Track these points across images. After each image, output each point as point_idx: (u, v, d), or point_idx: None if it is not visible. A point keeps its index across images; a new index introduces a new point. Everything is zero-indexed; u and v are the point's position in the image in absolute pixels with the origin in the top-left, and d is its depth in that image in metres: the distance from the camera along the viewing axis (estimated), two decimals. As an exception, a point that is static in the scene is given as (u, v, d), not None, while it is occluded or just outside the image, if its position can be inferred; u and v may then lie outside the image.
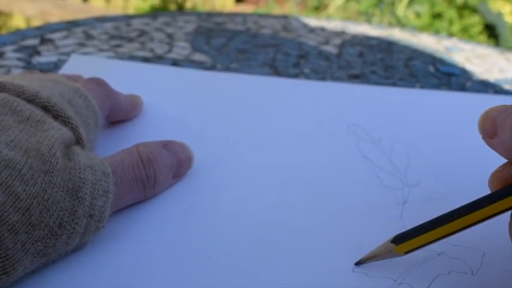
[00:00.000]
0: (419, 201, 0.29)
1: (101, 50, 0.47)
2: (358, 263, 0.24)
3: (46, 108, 0.24)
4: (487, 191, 0.23)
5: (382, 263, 0.24)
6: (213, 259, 0.23)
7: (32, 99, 0.23)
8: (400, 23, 1.83)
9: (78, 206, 0.21)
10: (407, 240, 0.23)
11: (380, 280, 0.23)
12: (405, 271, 0.23)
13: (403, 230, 0.26)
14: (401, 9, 1.95)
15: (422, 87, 0.47)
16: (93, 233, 0.22)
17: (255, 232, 0.25)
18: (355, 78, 0.47)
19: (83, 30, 0.52)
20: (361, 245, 0.25)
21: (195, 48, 0.51)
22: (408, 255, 0.24)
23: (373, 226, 0.26)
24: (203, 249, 0.24)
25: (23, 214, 0.19)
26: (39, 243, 0.20)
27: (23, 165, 0.20)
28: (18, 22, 1.87)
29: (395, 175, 0.31)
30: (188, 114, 0.35)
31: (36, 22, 1.78)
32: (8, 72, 0.40)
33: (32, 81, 0.25)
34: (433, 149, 0.34)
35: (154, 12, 0.64)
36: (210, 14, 0.65)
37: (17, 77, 0.28)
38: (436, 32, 1.71)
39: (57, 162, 0.21)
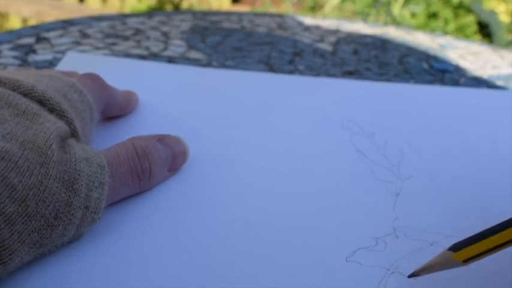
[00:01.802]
0: (412, 194, 0.29)
1: (97, 48, 0.47)
2: (411, 275, 0.22)
3: (42, 102, 0.24)
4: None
5: (373, 253, 0.24)
6: (208, 251, 0.23)
7: (28, 93, 0.24)
8: (396, 23, 1.84)
9: (73, 197, 0.21)
10: (466, 246, 0.21)
11: (373, 269, 0.23)
12: (398, 260, 0.24)
13: (396, 221, 0.27)
14: (397, 9, 1.96)
15: (416, 83, 0.47)
16: (89, 225, 0.22)
17: (249, 224, 0.25)
18: (349, 75, 0.48)
19: (79, 29, 0.52)
20: (355, 235, 0.25)
21: (191, 46, 0.51)
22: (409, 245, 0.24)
23: (367, 217, 0.27)
24: (198, 242, 0.24)
25: (20, 205, 0.19)
26: (35, 234, 0.20)
27: (19, 157, 0.20)
28: (14, 23, 1.87)
29: (389, 168, 0.31)
30: (183, 110, 0.36)
31: (32, 23, 1.78)
32: (4, 69, 0.40)
33: (27, 76, 0.26)
34: (426, 143, 0.34)
35: (150, 12, 0.64)
36: (206, 13, 0.65)
37: (13, 72, 0.28)
38: (432, 32, 1.72)
39: (53, 154, 0.21)
